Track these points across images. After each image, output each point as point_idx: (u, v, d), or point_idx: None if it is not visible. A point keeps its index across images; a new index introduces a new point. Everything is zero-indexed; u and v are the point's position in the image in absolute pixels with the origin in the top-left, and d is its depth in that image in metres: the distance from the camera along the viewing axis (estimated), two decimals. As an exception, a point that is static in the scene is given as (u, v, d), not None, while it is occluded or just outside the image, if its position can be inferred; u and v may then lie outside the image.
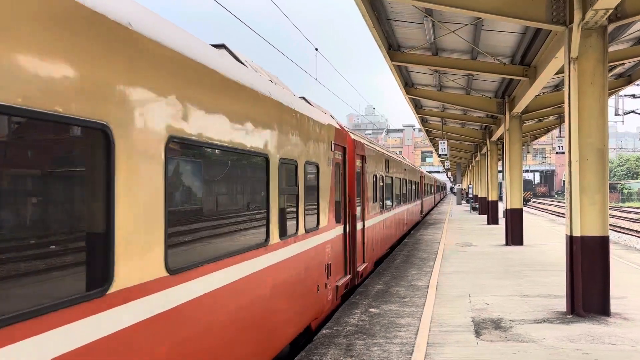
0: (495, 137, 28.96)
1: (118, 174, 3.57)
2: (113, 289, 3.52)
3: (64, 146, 3.37)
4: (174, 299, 4.20)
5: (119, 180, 3.58)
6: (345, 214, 10.97)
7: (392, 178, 19.02)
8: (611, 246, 10.02)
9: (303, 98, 10.24)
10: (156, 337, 3.97)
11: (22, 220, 3.00)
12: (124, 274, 3.64)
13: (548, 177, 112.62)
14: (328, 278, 9.33)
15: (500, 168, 31.43)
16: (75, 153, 3.46)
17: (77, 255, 3.37)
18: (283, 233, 6.94)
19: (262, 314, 6.09)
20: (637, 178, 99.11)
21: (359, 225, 12.36)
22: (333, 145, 9.94)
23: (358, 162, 12.36)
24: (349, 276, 11.07)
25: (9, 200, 2.90)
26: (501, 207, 29.34)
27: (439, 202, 72.83)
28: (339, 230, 10.34)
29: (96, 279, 3.43)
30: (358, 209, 12.20)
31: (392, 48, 16.02)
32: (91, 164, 3.45)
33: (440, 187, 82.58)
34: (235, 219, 5.66)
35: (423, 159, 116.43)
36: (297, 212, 7.56)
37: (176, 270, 4.26)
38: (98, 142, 3.45)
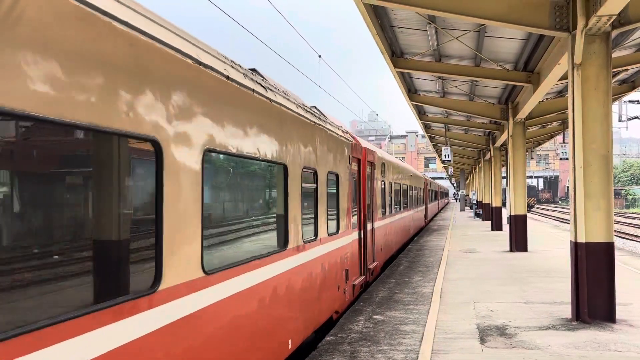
0: (498, 143, 28.93)
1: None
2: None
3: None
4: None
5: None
6: None
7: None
8: (616, 252, 10.00)
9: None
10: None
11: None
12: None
13: (552, 183, 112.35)
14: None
15: (503, 174, 31.38)
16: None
17: None
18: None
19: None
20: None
21: None
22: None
23: None
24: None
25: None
26: (505, 214, 29.27)
27: (437, 212, 59.41)
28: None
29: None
30: None
31: (396, 55, 16.05)
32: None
33: (444, 193, 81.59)
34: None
35: (426, 165, 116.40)
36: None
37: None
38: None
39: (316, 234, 8.44)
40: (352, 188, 11.44)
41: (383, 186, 16.16)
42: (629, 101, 41.96)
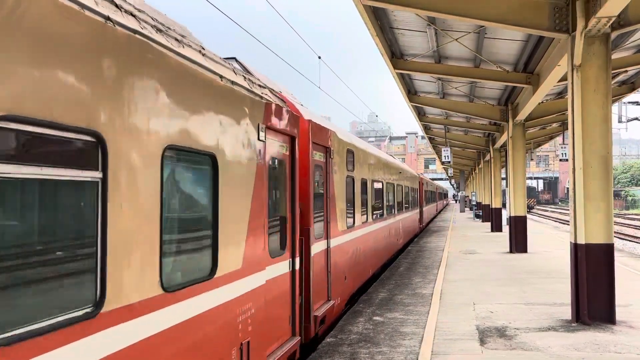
0: (498, 145, 28.95)
1: None
2: None
3: None
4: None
5: None
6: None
7: None
8: (616, 253, 9.99)
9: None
10: None
11: None
12: None
13: (552, 184, 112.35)
14: None
15: (503, 175, 31.37)
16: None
17: None
18: None
19: None
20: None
21: None
22: None
23: None
24: None
25: None
26: (505, 215, 29.26)
27: (436, 215, 54.17)
28: None
29: None
30: None
31: (395, 56, 16.06)
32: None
33: (443, 195, 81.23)
34: None
35: (426, 166, 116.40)
36: None
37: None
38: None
39: (98, 300, 3.36)
40: (270, 184, 6.65)
41: (351, 184, 11.53)
42: (629, 102, 41.95)
